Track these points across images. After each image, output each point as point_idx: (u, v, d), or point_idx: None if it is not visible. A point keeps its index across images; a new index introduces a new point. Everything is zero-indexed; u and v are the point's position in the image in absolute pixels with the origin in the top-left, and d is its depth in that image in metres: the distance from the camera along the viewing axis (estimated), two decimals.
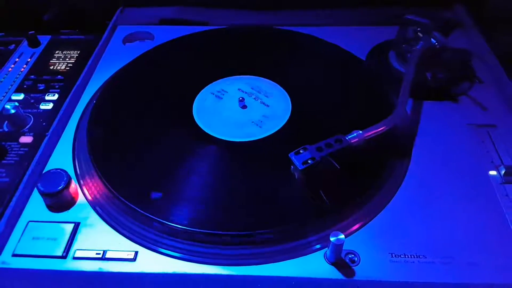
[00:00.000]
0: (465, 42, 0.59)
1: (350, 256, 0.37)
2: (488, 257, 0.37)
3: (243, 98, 0.52)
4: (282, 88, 0.54)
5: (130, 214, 0.41)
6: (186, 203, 0.41)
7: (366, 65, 0.57)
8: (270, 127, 0.49)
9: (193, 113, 0.51)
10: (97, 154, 0.46)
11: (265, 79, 0.56)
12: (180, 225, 0.39)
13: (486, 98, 0.51)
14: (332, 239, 0.35)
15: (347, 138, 0.42)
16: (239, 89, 0.55)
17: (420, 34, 0.52)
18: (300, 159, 0.41)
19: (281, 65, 0.58)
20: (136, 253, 0.38)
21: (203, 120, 0.50)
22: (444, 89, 0.52)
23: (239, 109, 0.52)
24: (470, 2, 0.65)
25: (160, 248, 0.39)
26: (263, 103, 0.52)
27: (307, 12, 0.67)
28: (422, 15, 0.52)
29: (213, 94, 0.54)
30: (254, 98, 0.53)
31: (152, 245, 0.39)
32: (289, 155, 0.41)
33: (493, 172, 0.43)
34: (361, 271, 0.36)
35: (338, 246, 0.35)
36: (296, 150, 0.41)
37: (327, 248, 0.37)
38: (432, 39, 0.52)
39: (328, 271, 0.37)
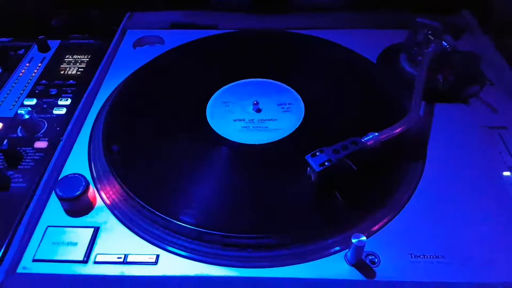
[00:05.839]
0: (473, 46, 0.60)
1: (370, 257, 0.38)
2: (506, 256, 0.37)
3: (257, 102, 0.52)
4: (295, 92, 0.55)
5: (149, 217, 0.41)
6: (205, 205, 0.42)
7: (378, 68, 0.58)
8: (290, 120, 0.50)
9: (207, 116, 0.52)
10: (113, 157, 0.46)
11: (278, 82, 0.56)
12: (201, 227, 0.39)
13: (497, 100, 0.52)
14: (353, 240, 0.35)
15: (362, 140, 0.43)
16: (250, 93, 0.55)
17: (431, 37, 0.53)
18: (317, 161, 0.41)
19: (293, 69, 0.59)
20: (158, 256, 0.39)
21: (217, 123, 0.51)
22: (456, 92, 0.53)
23: (253, 112, 0.52)
24: (476, 8, 0.66)
25: (181, 251, 0.39)
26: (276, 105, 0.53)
27: (314, 15, 0.68)
28: (433, 19, 0.53)
29: (224, 101, 0.54)
30: (267, 101, 0.54)
31: (173, 248, 0.39)
32: (305, 157, 0.42)
33: (507, 173, 0.44)
34: (382, 272, 0.37)
35: (360, 247, 0.36)
36: (313, 152, 0.42)
37: (347, 250, 0.38)
38: (443, 42, 0.52)
39: (348, 273, 0.37)
